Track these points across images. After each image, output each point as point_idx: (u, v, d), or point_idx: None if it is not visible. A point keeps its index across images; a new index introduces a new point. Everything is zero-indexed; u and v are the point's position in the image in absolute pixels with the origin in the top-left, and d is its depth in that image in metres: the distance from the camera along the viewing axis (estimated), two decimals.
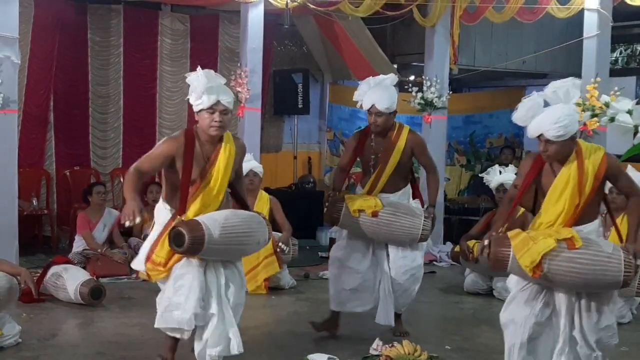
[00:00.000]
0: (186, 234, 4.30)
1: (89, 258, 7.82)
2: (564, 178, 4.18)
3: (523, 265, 4.04)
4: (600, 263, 4.05)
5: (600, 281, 4.09)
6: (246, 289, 7.23)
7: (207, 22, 10.66)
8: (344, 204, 5.56)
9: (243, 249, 4.67)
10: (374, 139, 5.68)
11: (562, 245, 4.05)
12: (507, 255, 4.10)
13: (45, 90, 9.56)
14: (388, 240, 5.74)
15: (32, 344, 5.52)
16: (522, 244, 4.09)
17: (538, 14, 8.93)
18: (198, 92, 4.45)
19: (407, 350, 5.29)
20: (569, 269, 4.04)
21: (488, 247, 4.16)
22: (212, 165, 4.52)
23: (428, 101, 9.68)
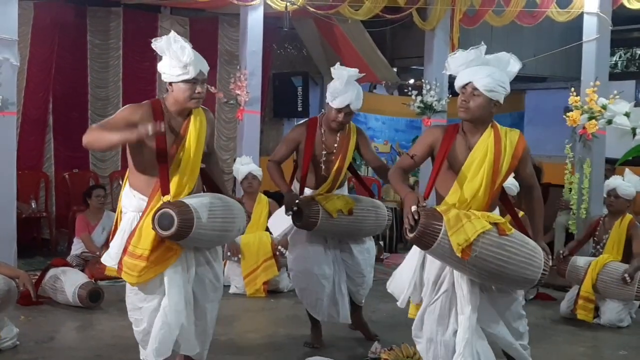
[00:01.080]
0: (175, 216, 3.94)
1: (88, 261, 7.80)
2: (482, 150, 3.97)
3: (455, 242, 3.71)
4: (525, 255, 3.86)
5: (519, 275, 3.87)
6: (245, 292, 7.35)
7: (206, 25, 10.66)
8: (319, 207, 5.35)
9: (225, 235, 4.38)
10: (325, 135, 5.49)
11: (494, 230, 3.82)
12: (437, 230, 3.73)
13: (45, 92, 9.56)
14: (358, 236, 5.65)
15: (30, 346, 5.52)
16: (455, 220, 3.77)
17: (538, 18, 8.92)
18: (181, 62, 4.08)
19: (405, 354, 5.28)
20: (497, 255, 3.78)
21: (416, 217, 3.74)
22: (183, 139, 4.17)
23: (427, 105, 9.68)
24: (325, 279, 5.57)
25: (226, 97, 9.10)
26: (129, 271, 4.12)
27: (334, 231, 5.50)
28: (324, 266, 5.57)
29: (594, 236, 6.96)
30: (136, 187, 4.25)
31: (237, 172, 7.89)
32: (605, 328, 6.59)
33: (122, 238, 4.23)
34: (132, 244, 4.11)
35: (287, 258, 5.87)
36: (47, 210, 9.58)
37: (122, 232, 4.26)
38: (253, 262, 7.45)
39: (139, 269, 4.10)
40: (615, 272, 6.56)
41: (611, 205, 6.82)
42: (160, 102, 4.23)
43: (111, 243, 4.32)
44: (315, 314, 5.67)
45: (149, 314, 4.21)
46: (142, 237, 4.09)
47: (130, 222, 4.23)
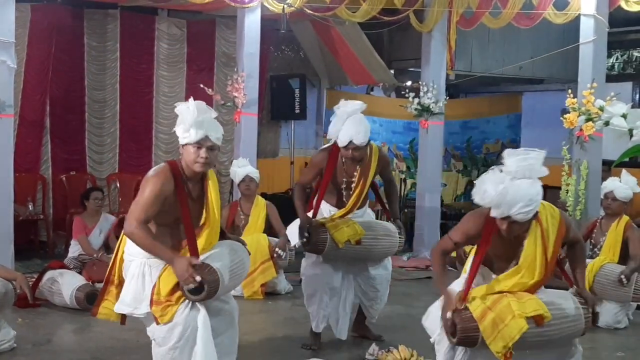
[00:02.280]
0: (206, 285, 4.02)
1: (85, 263, 7.78)
2: (530, 252, 4.00)
3: (494, 351, 3.81)
4: (567, 330, 3.98)
5: (569, 341, 4.04)
6: (242, 294, 7.34)
7: (204, 27, 10.66)
8: (328, 235, 5.43)
9: (237, 284, 4.56)
10: (346, 163, 5.55)
11: (530, 322, 3.86)
12: (476, 336, 3.85)
13: (42, 94, 9.55)
14: (367, 260, 5.74)
15: (27, 349, 5.51)
16: (491, 328, 3.83)
17: (535, 20, 8.94)
18: (186, 125, 4.14)
19: (403, 356, 5.28)
20: (537, 342, 3.92)
21: (453, 324, 3.89)
22: (203, 203, 4.23)
23: (425, 107, 9.69)
24: (331, 290, 5.65)
25: (223, 100, 9.10)
26: (163, 312, 4.14)
27: (341, 258, 5.60)
28: (332, 280, 5.65)
29: (591, 238, 6.96)
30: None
31: (235, 175, 7.88)
32: (602, 330, 6.59)
33: (136, 284, 4.21)
34: (155, 294, 4.13)
35: (302, 263, 5.91)
36: (44, 213, 9.57)
37: (135, 278, 4.21)
38: (250, 265, 7.42)
39: (162, 309, 4.12)
40: (612, 274, 6.57)
41: (608, 208, 6.83)
42: (177, 165, 4.23)
43: (123, 291, 4.29)
44: (314, 325, 5.71)
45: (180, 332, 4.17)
46: (162, 287, 4.12)
47: (142, 267, 4.21)
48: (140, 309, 4.19)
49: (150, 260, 4.19)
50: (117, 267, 4.37)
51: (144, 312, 4.19)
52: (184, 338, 4.14)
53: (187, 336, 4.15)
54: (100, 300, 4.44)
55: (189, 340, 4.15)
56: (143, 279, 4.20)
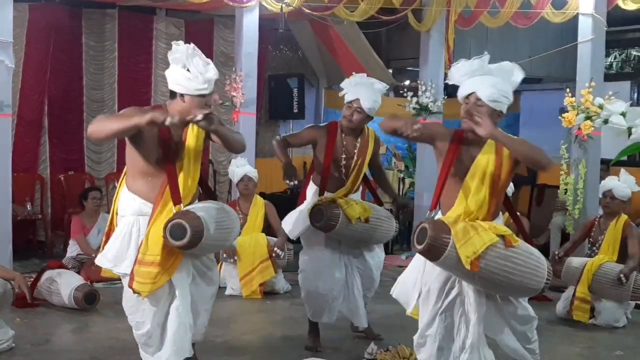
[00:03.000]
0: (188, 227, 3.98)
1: (83, 263, 7.78)
2: (483, 163, 3.98)
3: (463, 255, 3.73)
4: (530, 265, 3.88)
5: (524, 285, 3.90)
6: (241, 293, 7.34)
7: (202, 26, 10.65)
8: (340, 211, 5.43)
9: (224, 244, 4.46)
10: (345, 139, 5.54)
11: (500, 242, 3.85)
12: (446, 242, 3.76)
13: (40, 94, 9.54)
14: (368, 243, 5.74)
15: (25, 348, 5.51)
16: (463, 233, 3.80)
17: (533, 19, 8.93)
18: (205, 77, 4.04)
19: (402, 355, 5.29)
20: (504, 267, 3.81)
21: (424, 229, 3.80)
22: (182, 147, 4.16)
23: (423, 106, 9.68)
24: (336, 282, 5.63)
25: (222, 99, 9.07)
26: (143, 280, 4.07)
27: (348, 236, 5.58)
28: (336, 270, 5.64)
29: (590, 237, 6.97)
30: (136, 191, 4.21)
31: (233, 174, 7.88)
32: (601, 328, 6.60)
33: (122, 241, 4.20)
34: (141, 252, 4.08)
35: (299, 259, 5.88)
36: (42, 213, 9.56)
37: (122, 236, 4.21)
38: (249, 264, 7.45)
39: (152, 276, 4.06)
40: (610, 273, 6.57)
41: (607, 207, 6.83)
42: (162, 108, 4.14)
43: (107, 245, 4.27)
44: (317, 317, 5.68)
45: (152, 316, 4.18)
46: (150, 244, 4.07)
47: (130, 226, 4.20)
48: (121, 268, 4.18)
49: (140, 219, 4.17)
50: (114, 224, 4.34)
51: (123, 271, 4.17)
52: (160, 325, 4.15)
53: (163, 323, 4.15)
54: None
55: (161, 325, 4.16)
56: (129, 238, 4.17)
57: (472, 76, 4.02)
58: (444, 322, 4.07)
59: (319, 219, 5.45)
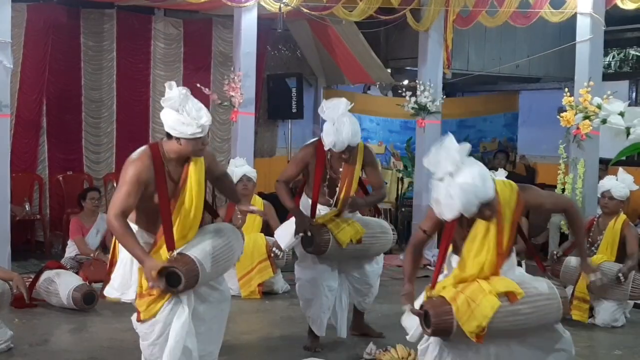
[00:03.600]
0: (182, 276, 4.01)
1: (82, 263, 7.78)
2: (483, 227, 3.88)
3: (468, 331, 3.73)
4: (541, 308, 3.89)
5: (542, 324, 3.94)
6: (239, 293, 7.33)
7: (200, 26, 10.64)
8: (330, 236, 5.41)
9: (226, 268, 4.44)
10: (332, 158, 5.53)
11: (503, 299, 3.79)
12: (450, 322, 3.76)
13: (38, 94, 9.53)
14: (363, 257, 5.75)
15: (24, 349, 5.51)
16: (464, 307, 3.75)
17: (531, 18, 8.92)
18: (199, 124, 4.08)
19: (400, 355, 5.29)
20: (514, 322, 3.83)
21: (426, 313, 3.80)
22: (184, 187, 4.17)
23: (422, 105, 9.67)
24: (330, 291, 5.64)
25: (220, 99, 9.08)
26: (142, 309, 4.16)
27: (340, 257, 5.60)
28: (331, 279, 5.65)
29: (588, 237, 6.96)
30: (138, 223, 4.25)
31: (232, 174, 7.83)
32: (600, 328, 6.60)
33: (124, 269, 4.27)
34: (139, 286, 4.15)
35: (295, 268, 5.87)
36: (41, 213, 9.55)
37: (124, 264, 4.27)
38: (248, 264, 7.44)
39: (148, 302, 4.11)
40: (609, 272, 6.57)
41: (605, 207, 6.84)
42: (158, 148, 4.18)
43: (113, 274, 4.33)
44: (316, 328, 5.68)
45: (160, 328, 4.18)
46: (142, 280, 4.11)
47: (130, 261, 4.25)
48: (128, 295, 4.24)
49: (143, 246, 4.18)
50: (117, 248, 4.38)
51: (131, 298, 4.22)
52: (163, 335, 4.14)
53: (168, 333, 4.14)
54: (106, 283, 4.46)
55: (166, 336, 4.15)
56: (131, 265, 4.21)
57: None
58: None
59: (308, 245, 5.49)
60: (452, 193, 3.66)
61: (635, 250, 6.65)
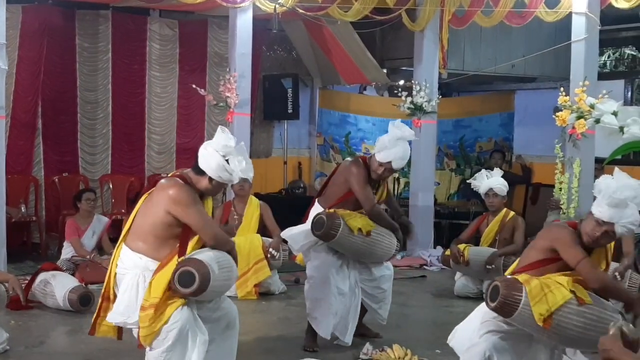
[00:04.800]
0: (196, 273, 4.04)
1: (78, 265, 7.77)
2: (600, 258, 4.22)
3: (537, 312, 3.85)
4: (604, 321, 3.89)
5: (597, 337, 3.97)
6: (236, 294, 7.33)
7: (195, 27, 10.64)
8: (342, 221, 5.47)
9: (229, 285, 4.48)
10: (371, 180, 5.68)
11: (573, 299, 3.94)
12: (518, 300, 3.89)
13: (33, 96, 9.52)
14: (368, 259, 5.75)
15: (20, 351, 5.50)
16: (537, 290, 3.91)
17: (527, 18, 8.94)
18: (233, 175, 4.31)
19: (397, 355, 5.29)
20: (577, 323, 3.90)
21: (496, 287, 3.94)
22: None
23: (418, 105, 9.68)
24: (340, 294, 5.63)
25: (216, 100, 9.09)
26: (142, 324, 4.14)
27: (348, 247, 5.59)
28: (341, 282, 5.65)
29: None
30: (144, 252, 4.28)
31: None
32: None
33: (130, 294, 4.25)
34: (144, 299, 4.15)
35: (307, 267, 5.86)
36: (36, 215, 9.54)
37: (129, 288, 4.26)
38: (244, 265, 7.43)
39: (149, 318, 4.11)
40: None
41: None
42: (186, 180, 4.32)
43: (117, 301, 4.32)
44: (322, 331, 5.66)
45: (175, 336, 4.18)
46: (153, 288, 4.13)
47: (136, 278, 4.26)
48: (133, 318, 4.24)
49: (145, 272, 4.25)
50: (112, 282, 4.39)
51: (135, 320, 4.22)
52: (178, 341, 4.14)
53: (181, 339, 4.15)
54: (97, 317, 4.46)
55: (181, 342, 4.16)
56: (137, 290, 4.25)
57: (622, 205, 4.04)
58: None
59: (319, 227, 5.49)
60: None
61: (631, 249, 6.65)
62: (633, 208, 4.01)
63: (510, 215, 7.74)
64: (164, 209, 4.20)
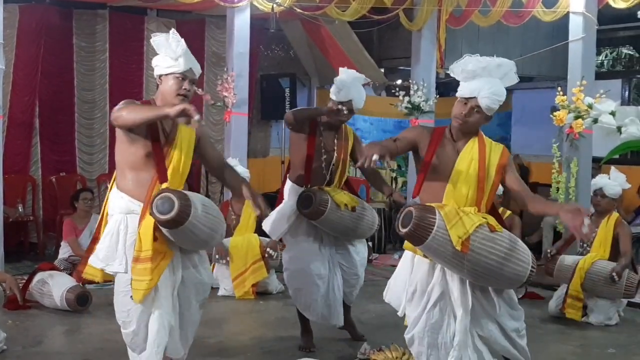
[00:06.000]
0: (176, 200, 3.90)
1: (75, 264, 7.73)
2: (467, 158, 4.03)
3: (455, 235, 3.75)
4: (516, 251, 3.89)
5: (511, 271, 3.88)
6: (233, 294, 7.33)
7: (193, 26, 10.63)
8: (329, 197, 5.43)
9: (212, 236, 4.27)
10: (324, 133, 5.56)
11: (485, 226, 3.88)
12: (432, 222, 3.76)
13: (31, 96, 9.51)
14: (353, 234, 5.69)
15: (17, 351, 5.49)
16: (452, 214, 3.83)
17: (524, 18, 8.94)
18: (174, 54, 4.13)
19: (394, 355, 5.28)
20: (491, 250, 3.82)
21: (409, 212, 3.81)
22: (172, 142, 4.17)
23: (415, 105, 9.69)
24: (320, 279, 5.58)
25: (213, 99, 9.08)
26: (141, 277, 4.06)
27: (335, 224, 5.52)
28: (320, 266, 5.59)
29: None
30: (125, 189, 4.19)
31: None
32: (593, 326, 6.61)
33: (110, 240, 4.17)
34: (136, 250, 4.06)
35: (283, 258, 5.87)
36: (34, 214, 9.53)
37: (110, 234, 4.18)
38: (242, 265, 7.44)
39: (149, 271, 4.04)
40: (603, 271, 6.58)
41: (598, 205, 6.85)
42: (150, 102, 4.25)
43: (98, 245, 4.22)
44: (309, 314, 5.67)
45: (138, 315, 4.17)
46: (143, 240, 4.05)
47: (117, 224, 4.17)
48: (113, 267, 4.16)
49: (128, 217, 4.15)
50: (103, 225, 4.31)
51: (115, 270, 4.16)
52: (142, 321, 4.14)
53: (146, 320, 4.14)
54: (86, 259, 4.34)
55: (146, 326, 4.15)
56: (117, 236, 4.15)
57: (475, 76, 4.03)
58: (431, 319, 4.06)
59: (307, 205, 5.42)
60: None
61: (628, 248, 6.66)
62: (491, 80, 3.99)
63: (506, 214, 7.74)
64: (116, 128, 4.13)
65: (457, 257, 3.81)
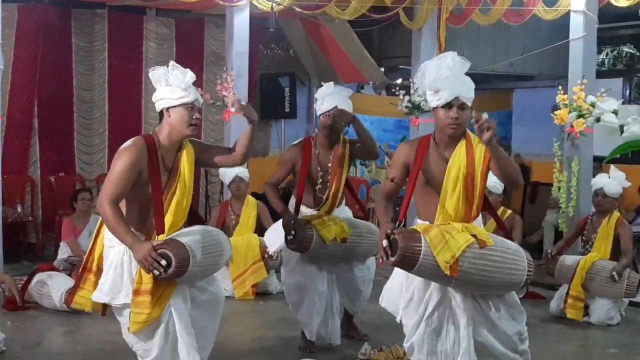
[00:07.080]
0: (173, 257, 3.86)
1: (74, 265, 7.72)
2: (456, 165, 3.94)
3: (442, 260, 3.70)
4: (508, 261, 3.86)
5: (504, 281, 3.88)
6: (233, 294, 7.31)
7: (192, 26, 10.61)
8: (314, 232, 5.32)
9: (215, 269, 4.31)
10: (320, 152, 5.50)
11: (475, 243, 3.81)
12: (417, 251, 3.72)
13: (29, 95, 9.49)
14: (349, 260, 5.65)
15: (16, 352, 5.48)
16: (438, 238, 3.76)
17: (525, 16, 8.92)
18: (184, 84, 4.07)
19: (395, 355, 5.26)
20: (481, 267, 3.78)
21: (395, 241, 3.77)
22: (176, 175, 4.10)
23: (415, 104, 9.65)
24: (319, 295, 5.54)
25: (213, 99, 9.06)
26: (140, 310, 4.00)
27: (326, 256, 5.50)
28: (318, 283, 5.55)
29: (582, 235, 6.96)
30: (128, 221, 4.08)
31: (224, 176, 7.85)
32: (595, 326, 6.59)
33: (114, 272, 4.08)
34: (137, 282, 4.00)
35: (281, 271, 5.83)
36: (33, 215, 9.51)
37: (113, 266, 4.08)
38: (241, 265, 7.42)
39: (148, 305, 3.98)
40: (604, 270, 6.56)
41: (599, 205, 6.82)
42: (152, 138, 4.12)
43: (101, 279, 4.13)
44: (307, 332, 5.62)
45: (159, 340, 4.09)
46: (144, 273, 3.97)
47: (120, 255, 4.07)
48: (118, 299, 4.07)
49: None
50: (96, 253, 4.21)
51: (122, 302, 4.08)
52: (165, 347, 4.07)
53: (168, 346, 4.07)
54: (75, 289, 4.28)
55: (169, 348, 4.07)
56: (122, 268, 4.06)
57: (444, 80, 3.94)
58: (430, 326, 4.02)
59: (292, 241, 5.37)
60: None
61: (629, 247, 6.64)
62: (458, 75, 3.95)
63: (507, 213, 7.71)
64: None
65: (448, 278, 3.80)
